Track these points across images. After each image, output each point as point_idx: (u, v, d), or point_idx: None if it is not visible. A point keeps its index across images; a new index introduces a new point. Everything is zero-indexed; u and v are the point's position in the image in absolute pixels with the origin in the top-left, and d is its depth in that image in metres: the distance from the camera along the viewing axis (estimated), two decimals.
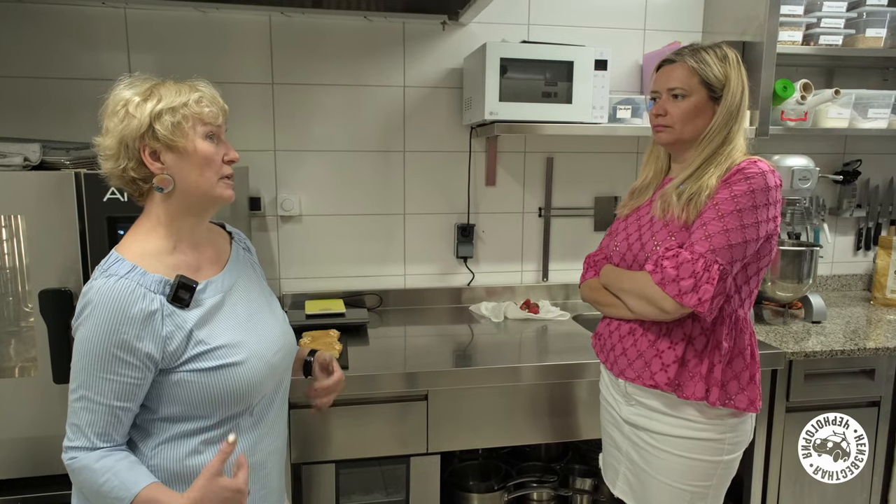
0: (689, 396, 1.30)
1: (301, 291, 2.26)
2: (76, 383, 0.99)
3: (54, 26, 1.98)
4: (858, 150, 2.58)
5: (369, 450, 1.69)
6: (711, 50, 1.33)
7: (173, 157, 1.02)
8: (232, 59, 2.10)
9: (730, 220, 1.24)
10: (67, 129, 1.92)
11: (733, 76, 1.31)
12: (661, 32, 2.36)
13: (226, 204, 1.09)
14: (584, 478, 2.09)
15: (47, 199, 1.36)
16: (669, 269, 1.25)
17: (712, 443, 1.33)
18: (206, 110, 1.04)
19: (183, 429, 1.05)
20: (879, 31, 2.24)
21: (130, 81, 1.04)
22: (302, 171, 2.22)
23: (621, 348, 1.40)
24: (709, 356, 1.31)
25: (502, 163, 2.35)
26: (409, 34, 2.21)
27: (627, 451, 1.44)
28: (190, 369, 1.02)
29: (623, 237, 1.44)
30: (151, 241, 1.04)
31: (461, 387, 1.70)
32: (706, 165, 1.31)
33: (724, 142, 1.31)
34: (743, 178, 1.26)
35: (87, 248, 1.37)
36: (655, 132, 1.39)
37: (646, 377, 1.34)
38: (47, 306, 1.33)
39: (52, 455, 1.43)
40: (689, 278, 1.23)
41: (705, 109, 1.32)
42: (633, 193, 1.50)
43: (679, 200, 1.31)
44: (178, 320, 1.02)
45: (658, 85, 1.37)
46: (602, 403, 1.55)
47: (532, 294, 2.40)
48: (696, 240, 1.26)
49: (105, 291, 0.97)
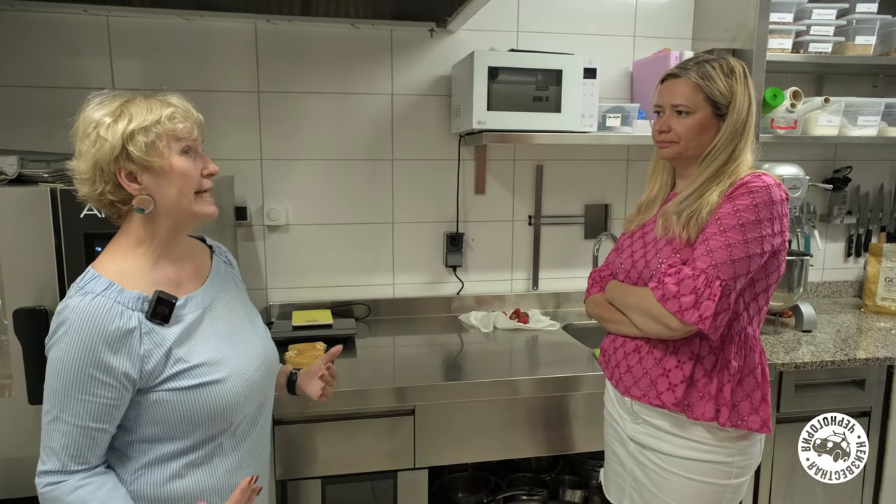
0: (699, 417, 1.27)
1: (288, 301, 2.23)
2: (49, 404, 0.96)
3: (35, 34, 1.94)
4: (849, 157, 2.58)
5: (356, 465, 1.66)
6: (717, 63, 1.29)
7: (150, 177, 1.00)
8: (217, 67, 2.07)
9: (732, 234, 1.21)
10: (50, 139, 1.89)
11: (739, 91, 1.27)
12: (652, 39, 2.35)
13: (209, 219, 1.07)
14: (575, 489, 2.07)
15: (23, 216, 1.33)
16: (670, 285, 1.23)
17: (721, 465, 1.30)
18: (179, 126, 1.00)
19: (163, 451, 1.02)
20: (869, 39, 2.23)
21: (100, 101, 1.01)
22: (289, 179, 2.19)
23: (626, 365, 1.37)
24: (718, 375, 1.27)
25: (492, 171, 2.33)
26: (397, 42, 2.19)
27: (632, 470, 1.41)
28: (169, 388, 0.99)
29: (628, 254, 1.42)
30: (130, 259, 1.02)
31: (448, 401, 1.68)
32: (709, 183, 1.28)
33: (729, 159, 1.28)
34: (746, 192, 1.23)
35: (64, 266, 1.34)
36: (659, 147, 1.36)
37: (651, 396, 1.31)
38: (22, 325, 1.30)
39: (26, 476, 1.37)
40: (690, 294, 1.20)
41: (710, 126, 1.29)
42: (640, 208, 1.47)
43: (679, 219, 1.29)
44: (156, 338, 0.99)
45: (662, 100, 1.34)
46: (606, 418, 1.52)
47: (522, 302, 2.38)
48: (698, 255, 1.23)
49: (81, 309, 0.94)
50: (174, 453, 1.03)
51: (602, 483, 1.57)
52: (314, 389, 1.31)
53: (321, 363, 1.34)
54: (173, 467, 1.03)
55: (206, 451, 1.05)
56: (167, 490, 1.02)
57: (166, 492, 1.02)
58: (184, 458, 1.03)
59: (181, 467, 1.03)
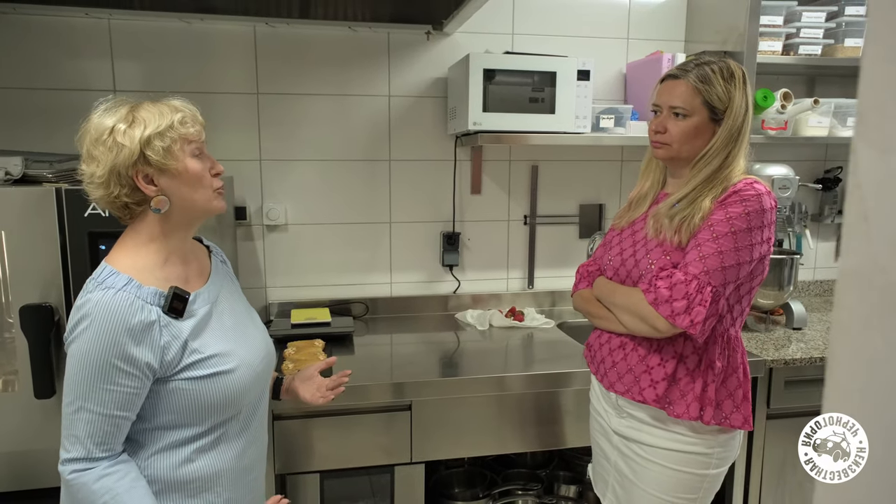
0: (681, 415, 1.30)
1: (287, 300, 2.27)
2: (73, 395, 0.99)
3: (38, 37, 1.97)
4: (839, 158, 2.62)
5: (354, 460, 1.70)
6: (717, 67, 1.29)
7: (167, 179, 1.04)
8: (217, 68, 2.10)
9: (724, 241, 1.24)
10: (51, 140, 1.92)
11: (737, 97, 1.28)
12: (645, 42, 2.39)
13: (218, 214, 1.12)
14: (569, 485, 2.11)
15: (28, 215, 1.36)
16: (663, 289, 1.25)
17: (701, 456, 1.33)
18: (190, 130, 1.06)
19: (175, 438, 1.07)
20: (858, 41, 2.27)
21: (107, 107, 1.05)
22: (287, 180, 2.22)
23: (611, 361, 1.40)
24: (702, 375, 1.30)
25: (487, 171, 2.37)
26: (394, 44, 2.22)
27: (616, 462, 1.44)
28: (185, 377, 1.04)
29: (617, 251, 1.44)
30: (143, 256, 1.06)
31: (445, 397, 1.71)
32: (702, 188, 1.29)
33: (722, 165, 1.29)
34: (739, 200, 1.25)
35: (69, 263, 1.38)
36: (653, 147, 1.37)
37: (635, 392, 1.35)
38: (28, 322, 1.33)
39: (33, 470, 1.43)
40: (682, 299, 1.23)
41: (705, 130, 1.30)
42: (630, 204, 1.49)
43: (671, 223, 1.30)
44: (174, 330, 1.04)
45: (660, 100, 1.35)
46: (592, 413, 1.55)
47: (518, 301, 2.42)
48: (691, 261, 1.25)
49: (104, 304, 0.98)
50: (186, 439, 1.07)
51: (591, 478, 1.61)
52: (307, 393, 1.37)
53: (314, 370, 1.41)
54: (184, 452, 1.08)
55: (215, 437, 1.10)
56: (179, 473, 1.07)
57: (178, 475, 1.07)
58: (194, 443, 1.08)
59: (192, 452, 1.08)
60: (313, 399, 1.38)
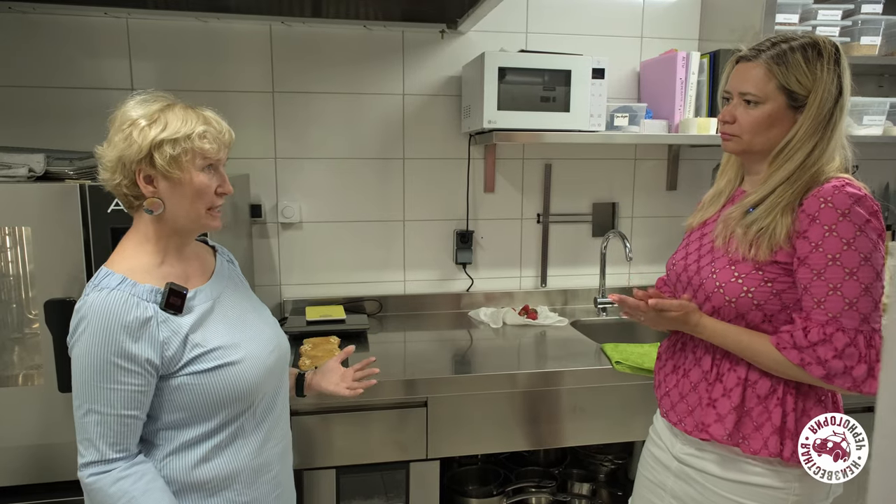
0: (759, 451, 1.13)
1: (302, 298, 2.28)
2: (80, 399, 1.00)
3: (57, 36, 1.99)
4: (855, 157, 2.60)
5: (369, 456, 1.71)
6: (799, 44, 1.11)
7: (167, 185, 1.05)
8: (233, 67, 2.12)
9: (863, 273, 1.04)
10: (69, 139, 1.95)
11: (825, 78, 1.09)
12: (659, 40, 2.39)
13: (213, 231, 1.13)
14: (582, 482, 2.11)
15: (52, 211, 1.38)
16: (833, 361, 1.05)
17: (774, 491, 1.15)
18: (206, 146, 1.06)
19: (188, 436, 1.07)
20: (874, 39, 2.26)
21: (143, 99, 1.06)
22: (302, 178, 2.24)
23: (678, 394, 1.28)
24: (781, 404, 1.14)
25: (501, 170, 2.37)
26: (409, 43, 2.23)
27: (672, 489, 1.29)
28: (189, 372, 1.04)
29: (682, 255, 1.30)
30: (139, 257, 1.07)
31: (460, 393, 1.72)
32: (783, 189, 1.11)
33: (807, 161, 1.10)
34: (841, 214, 1.05)
35: (92, 259, 1.39)
36: (722, 139, 1.21)
37: (699, 430, 1.21)
38: (52, 316, 1.35)
39: (55, 462, 1.45)
40: (861, 364, 1.04)
41: (783, 119, 1.12)
42: (703, 203, 1.34)
43: (745, 234, 1.14)
44: (173, 326, 1.04)
45: (731, 85, 1.18)
46: (647, 443, 1.41)
47: (531, 299, 2.42)
48: (838, 310, 1.05)
49: (98, 304, 0.99)
50: (199, 437, 1.07)
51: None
52: (330, 384, 1.38)
53: (334, 362, 1.42)
54: (200, 451, 1.07)
55: (230, 434, 1.10)
56: (195, 474, 1.07)
57: (195, 475, 1.07)
58: (209, 441, 1.08)
59: (207, 451, 1.08)
60: (337, 389, 1.39)
